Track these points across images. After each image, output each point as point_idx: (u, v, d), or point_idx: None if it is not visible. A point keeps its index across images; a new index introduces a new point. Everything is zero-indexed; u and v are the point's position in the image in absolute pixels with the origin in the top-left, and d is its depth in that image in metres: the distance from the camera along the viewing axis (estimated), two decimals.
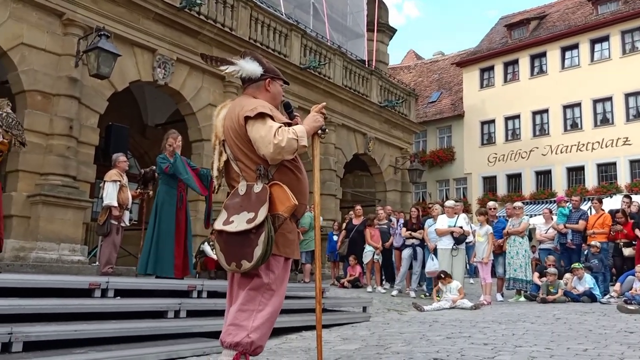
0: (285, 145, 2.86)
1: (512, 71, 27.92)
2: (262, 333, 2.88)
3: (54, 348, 3.83)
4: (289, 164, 3.03)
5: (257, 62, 3.20)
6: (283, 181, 2.97)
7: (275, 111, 3.07)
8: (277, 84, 3.24)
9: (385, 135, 18.49)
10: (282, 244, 2.95)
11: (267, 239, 2.82)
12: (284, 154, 2.89)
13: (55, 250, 9.05)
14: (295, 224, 3.10)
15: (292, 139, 2.87)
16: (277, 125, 2.91)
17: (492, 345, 4.64)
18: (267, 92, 3.19)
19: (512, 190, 26.59)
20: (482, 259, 9.31)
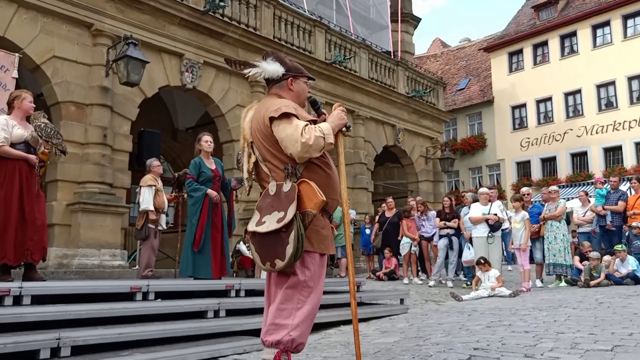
0: (313, 143, 2.88)
1: (541, 53, 27.32)
2: (302, 330, 2.90)
3: (99, 351, 3.95)
4: (318, 161, 3.03)
5: (279, 61, 3.21)
6: (312, 178, 2.98)
7: (299, 109, 3.07)
8: (301, 81, 3.23)
9: (415, 125, 18.34)
10: (316, 240, 2.97)
11: (297, 236, 2.85)
12: (311, 152, 2.91)
13: (96, 256, 9.30)
14: (328, 220, 3.11)
15: (319, 137, 2.89)
16: (303, 124, 2.92)
17: (533, 333, 4.59)
18: (291, 91, 3.20)
19: (547, 174, 26.07)
20: (520, 245, 9.17)
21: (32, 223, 5.04)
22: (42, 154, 5.26)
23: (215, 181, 6.71)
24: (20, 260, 5.08)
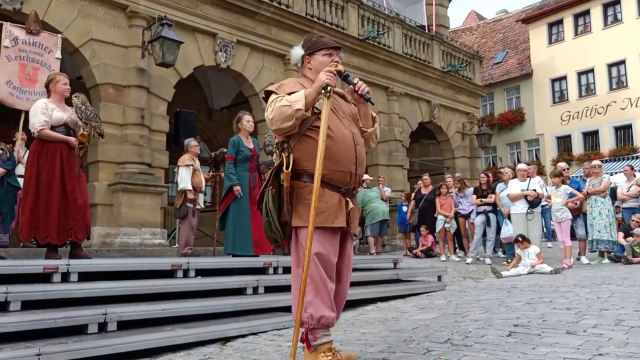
0: (274, 115, 2.85)
1: (583, 23, 26.34)
2: (317, 304, 2.83)
3: (143, 326, 4.06)
4: (310, 133, 2.94)
5: (303, 43, 3.22)
6: (305, 150, 2.92)
7: (287, 86, 3.04)
8: (319, 55, 3.16)
9: (450, 101, 18.01)
10: (306, 214, 2.81)
11: (266, 210, 2.88)
12: (278, 123, 2.86)
13: (137, 235, 9.53)
14: (334, 192, 2.94)
15: (282, 107, 2.84)
16: (272, 98, 2.93)
17: (575, 310, 4.51)
18: (310, 69, 3.18)
19: (589, 149, 25.33)
20: (562, 219, 8.96)
21: (74, 203, 5.18)
22: (81, 136, 5.37)
23: (252, 160, 6.78)
24: (64, 239, 5.24)
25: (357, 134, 3.11)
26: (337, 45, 3.29)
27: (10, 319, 3.53)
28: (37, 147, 5.14)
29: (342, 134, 2.98)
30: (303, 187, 2.92)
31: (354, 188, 3.08)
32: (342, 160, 2.95)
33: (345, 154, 2.97)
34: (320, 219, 2.83)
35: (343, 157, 2.95)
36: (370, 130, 3.23)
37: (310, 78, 3.13)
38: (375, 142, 3.35)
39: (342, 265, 3.10)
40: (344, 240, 3.09)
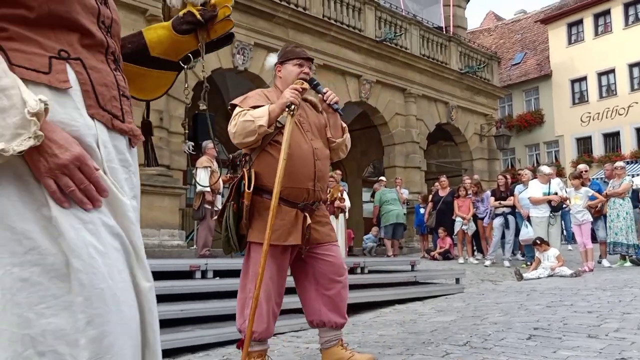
0: (237, 130, 2.88)
1: (603, 23, 26.01)
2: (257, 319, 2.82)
3: (162, 327, 4.09)
4: (270, 148, 2.96)
5: (278, 53, 3.24)
6: (263, 165, 2.94)
7: (252, 99, 3.05)
8: (289, 64, 3.14)
9: (468, 102, 17.90)
10: (261, 231, 2.82)
11: (226, 225, 2.92)
12: (239, 138, 2.89)
13: (156, 236, 9.62)
14: (288, 207, 2.93)
15: (245, 122, 2.85)
16: (236, 112, 2.94)
17: (597, 313, 4.44)
18: (280, 78, 3.18)
19: (609, 150, 24.99)
20: (583, 220, 8.84)
21: None
22: None
23: None
24: None
25: (320, 148, 3.08)
26: (309, 57, 3.25)
27: None
28: None
29: (301, 149, 2.95)
30: (260, 203, 2.94)
31: (312, 203, 3.03)
32: (299, 177, 2.93)
33: (303, 171, 2.94)
34: (274, 237, 2.81)
35: (300, 174, 2.93)
36: (339, 140, 3.20)
37: (279, 87, 3.13)
38: (345, 152, 3.33)
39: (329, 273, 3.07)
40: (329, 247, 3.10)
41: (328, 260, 3.09)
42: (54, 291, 1.00)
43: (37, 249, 1.00)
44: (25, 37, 1.08)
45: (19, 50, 1.07)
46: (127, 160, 1.25)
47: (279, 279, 3.02)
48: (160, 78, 1.73)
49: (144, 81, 1.66)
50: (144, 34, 1.67)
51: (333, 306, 3.06)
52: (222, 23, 1.57)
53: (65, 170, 1.01)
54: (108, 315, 1.05)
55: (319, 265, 3.07)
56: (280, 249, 2.94)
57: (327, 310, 3.04)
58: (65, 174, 1.01)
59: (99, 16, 1.23)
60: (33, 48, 1.08)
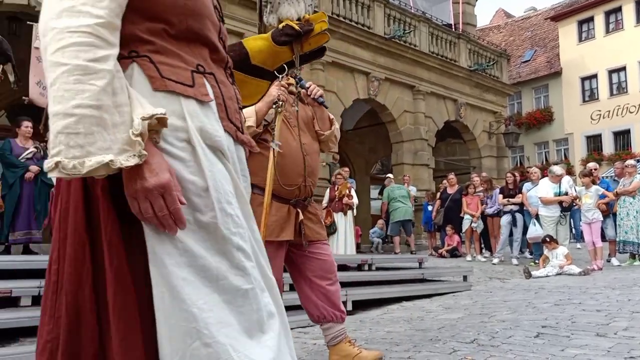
0: None
1: (614, 20, 25.79)
2: None
3: None
4: (258, 147, 2.94)
5: None
6: (250, 164, 2.90)
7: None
8: None
9: (477, 100, 17.83)
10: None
11: None
12: None
13: None
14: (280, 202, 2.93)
15: None
16: None
17: (605, 312, 4.43)
18: None
19: (620, 149, 24.80)
20: (592, 219, 8.80)
21: None
22: None
23: None
24: None
25: (308, 143, 3.08)
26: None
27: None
28: None
29: (289, 146, 2.95)
30: (252, 199, 2.91)
31: (304, 199, 3.04)
32: (289, 174, 2.93)
33: (293, 167, 2.95)
34: (267, 233, 2.81)
35: (290, 170, 2.93)
36: (328, 132, 3.20)
37: None
38: (335, 143, 3.32)
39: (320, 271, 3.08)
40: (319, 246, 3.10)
41: (319, 258, 3.10)
42: (206, 290, 1.08)
43: (189, 252, 1.08)
44: (170, 50, 1.13)
45: (166, 63, 1.12)
46: (245, 169, 1.37)
47: (276, 275, 3.00)
48: (258, 86, 1.87)
49: (244, 88, 1.76)
50: (244, 44, 1.81)
51: (329, 302, 3.07)
52: (317, 37, 1.67)
53: (148, 195, 1.02)
54: (251, 314, 1.14)
55: (310, 263, 3.08)
56: (275, 245, 2.93)
57: (325, 305, 3.06)
58: (147, 199, 1.03)
59: (220, 32, 1.31)
60: (177, 62, 1.14)
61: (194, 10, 1.19)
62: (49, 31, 1.02)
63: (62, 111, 0.98)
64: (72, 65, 0.99)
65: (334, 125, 3.28)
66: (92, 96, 0.98)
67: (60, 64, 0.99)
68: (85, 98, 0.98)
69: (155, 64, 1.11)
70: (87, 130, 0.97)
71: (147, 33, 1.11)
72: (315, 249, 3.10)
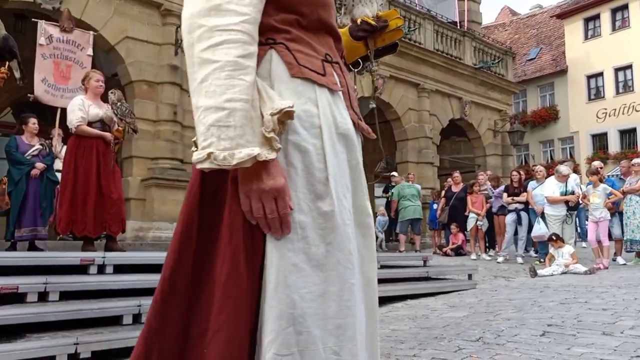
0: None
1: (621, 17, 25.65)
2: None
3: None
4: None
5: None
6: None
7: None
8: None
9: (482, 98, 17.77)
10: None
11: None
12: None
13: (169, 229, 9.67)
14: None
15: None
16: None
17: (612, 311, 4.41)
18: None
19: (626, 147, 24.68)
20: (599, 218, 8.76)
21: (109, 197, 5.29)
22: (116, 131, 5.49)
23: None
24: (99, 232, 5.36)
25: None
26: None
27: (50, 309, 3.64)
28: (75, 143, 5.27)
29: None
30: None
31: None
32: None
33: None
34: None
35: None
36: None
37: None
38: None
39: None
40: None
41: None
42: (314, 279, 1.09)
43: (306, 239, 1.10)
44: (304, 40, 1.17)
45: (301, 51, 1.16)
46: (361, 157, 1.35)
47: None
48: None
49: None
50: None
51: None
52: (392, 33, 1.72)
53: (262, 196, 1.05)
54: (354, 309, 1.14)
55: None
56: None
57: None
58: (260, 200, 1.05)
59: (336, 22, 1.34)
60: (309, 50, 1.18)
61: (323, 1, 1.23)
62: (197, 29, 1.06)
63: (214, 105, 1.03)
64: (223, 62, 1.03)
65: None
66: (243, 91, 1.03)
67: (212, 61, 1.04)
68: (236, 92, 1.02)
69: (292, 51, 1.15)
70: (237, 123, 1.02)
71: (282, 23, 1.15)
72: None
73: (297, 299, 1.07)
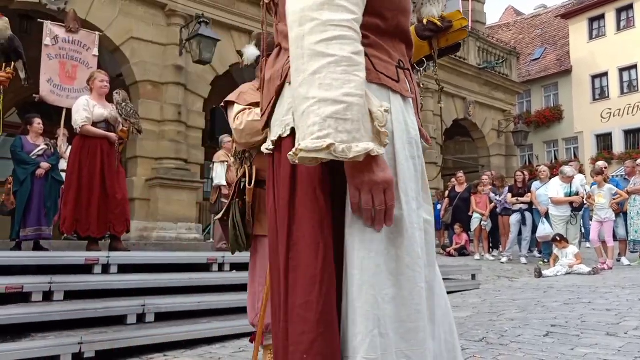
0: (244, 128, 2.82)
1: (625, 17, 25.55)
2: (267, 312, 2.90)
3: (179, 318, 4.15)
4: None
5: (257, 42, 3.15)
6: (263, 161, 2.94)
7: (247, 94, 3.00)
8: None
9: (486, 98, 17.73)
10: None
11: (233, 223, 2.93)
12: (247, 137, 2.84)
13: (173, 229, 9.71)
14: None
15: (253, 121, 2.82)
16: (237, 110, 2.89)
17: (616, 311, 4.40)
18: None
19: (630, 147, 24.57)
20: (605, 219, 8.73)
21: (113, 197, 5.31)
22: (121, 131, 5.51)
23: None
24: (103, 232, 5.38)
25: None
26: None
27: (54, 308, 3.66)
28: (80, 143, 5.29)
29: None
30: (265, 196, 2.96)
31: None
32: None
33: None
34: None
35: None
36: None
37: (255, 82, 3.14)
38: None
39: None
40: None
41: None
42: (387, 282, 1.11)
43: (384, 241, 1.12)
44: (380, 45, 1.18)
45: (378, 57, 1.18)
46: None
47: None
48: None
49: None
50: None
51: None
52: (456, 33, 1.75)
53: (373, 188, 1.07)
54: (423, 313, 1.15)
55: None
56: None
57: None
58: (370, 192, 1.07)
59: None
60: (385, 57, 1.19)
61: (405, 8, 1.26)
62: (308, 21, 1.06)
63: (332, 98, 1.03)
64: (339, 57, 1.04)
65: None
66: (358, 86, 1.05)
67: (326, 54, 1.05)
68: (352, 88, 1.04)
69: (369, 57, 1.15)
70: (355, 117, 1.03)
71: (363, 27, 1.14)
72: None
73: (380, 300, 1.08)
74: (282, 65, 1.26)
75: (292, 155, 1.05)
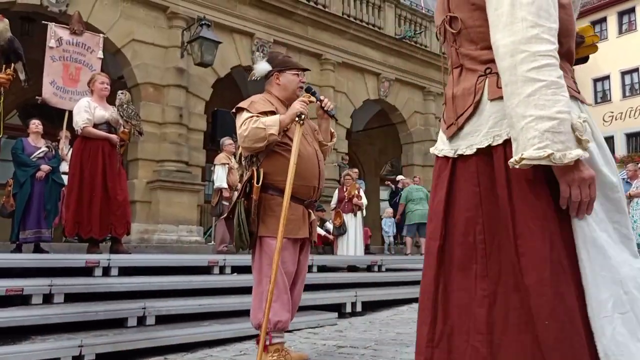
0: (248, 134, 3.04)
1: (627, 21, 25.55)
2: (276, 309, 3.00)
3: (180, 321, 4.13)
4: (279, 149, 3.15)
5: (269, 60, 3.45)
6: (274, 165, 3.12)
7: (258, 103, 3.22)
8: (288, 74, 3.38)
9: None
10: (273, 224, 3.04)
11: (238, 221, 3.04)
12: (250, 142, 3.07)
13: (174, 232, 9.70)
14: (296, 203, 3.14)
15: (257, 128, 3.03)
16: (246, 117, 3.10)
17: None
18: (278, 85, 3.38)
19: (632, 151, 24.55)
20: None
21: (115, 199, 5.30)
22: (122, 133, 5.50)
23: None
24: (105, 234, 5.37)
25: (318, 150, 3.37)
26: (306, 68, 3.64)
27: (54, 311, 3.65)
28: (81, 145, 5.29)
29: (307, 151, 3.22)
30: (271, 199, 3.13)
31: (315, 200, 3.33)
32: (307, 176, 3.20)
33: (310, 170, 3.22)
34: (287, 230, 3.01)
35: (308, 173, 3.20)
36: (330, 144, 3.53)
37: (274, 94, 3.36)
38: (329, 154, 3.65)
39: (298, 270, 3.28)
40: (302, 247, 3.29)
41: (301, 259, 3.30)
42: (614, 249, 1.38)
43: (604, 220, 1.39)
44: (561, 65, 1.38)
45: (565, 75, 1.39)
46: None
47: (292, 268, 3.21)
48: None
49: None
50: None
51: (295, 305, 3.24)
52: (586, 48, 1.93)
53: (581, 184, 1.29)
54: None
55: (300, 264, 3.29)
56: (292, 242, 3.14)
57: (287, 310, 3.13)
58: (579, 187, 1.29)
59: None
60: (565, 73, 1.40)
61: (573, 34, 1.53)
62: (520, 53, 1.31)
63: (547, 115, 1.27)
64: (548, 81, 1.29)
65: (335, 138, 3.60)
66: (565, 104, 1.29)
67: (537, 80, 1.29)
68: (562, 106, 1.28)
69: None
70: (566, 130, 1.27)
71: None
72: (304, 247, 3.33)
73: (616, 265, 1.34)
74: (474, 83, 1.48)
75: (514, 162, 1.29)
